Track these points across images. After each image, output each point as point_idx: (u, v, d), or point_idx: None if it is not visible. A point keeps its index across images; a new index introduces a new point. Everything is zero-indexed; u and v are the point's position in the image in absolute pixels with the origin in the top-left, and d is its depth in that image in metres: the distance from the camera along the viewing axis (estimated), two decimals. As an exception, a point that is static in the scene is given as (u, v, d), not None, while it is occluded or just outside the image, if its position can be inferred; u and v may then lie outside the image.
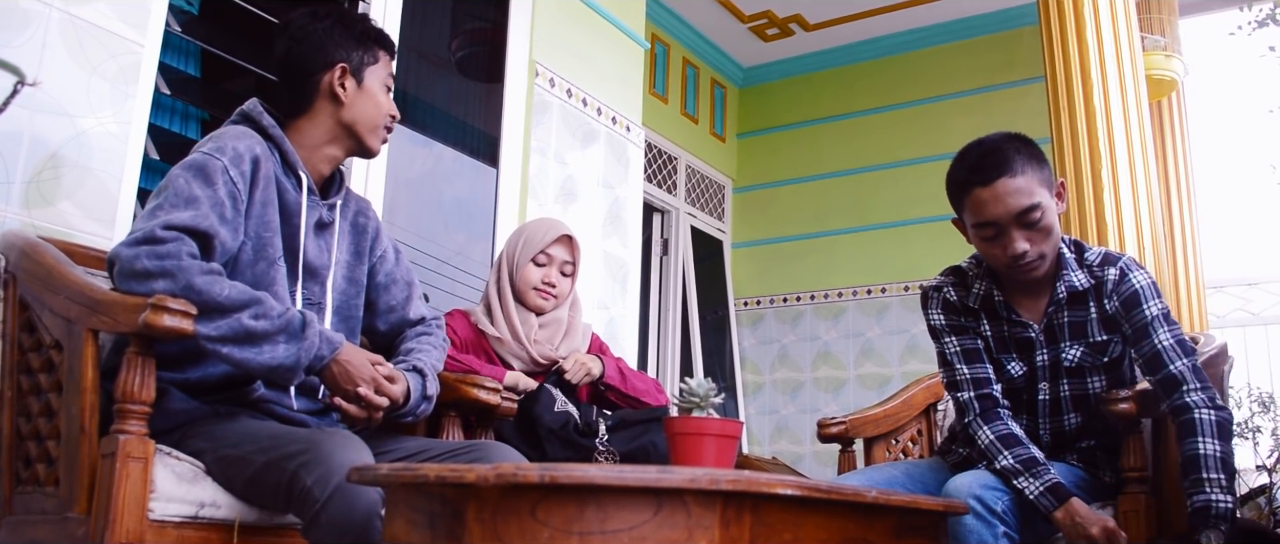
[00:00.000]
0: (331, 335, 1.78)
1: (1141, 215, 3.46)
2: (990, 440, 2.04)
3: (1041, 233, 2.04)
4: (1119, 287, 2.10)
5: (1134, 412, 2.05)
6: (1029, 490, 1.95)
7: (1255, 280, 5.73)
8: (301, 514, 1.56)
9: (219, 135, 1.84)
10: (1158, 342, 2.03)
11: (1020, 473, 1.97)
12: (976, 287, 2.19)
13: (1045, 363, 2.14)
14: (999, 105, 5.66)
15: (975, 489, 1.92)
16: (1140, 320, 2.06)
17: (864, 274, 5.88)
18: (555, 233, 2.65)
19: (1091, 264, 2.13)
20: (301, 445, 1.60)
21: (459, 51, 3.73)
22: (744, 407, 6.07)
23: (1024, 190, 2.00)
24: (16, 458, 1.78)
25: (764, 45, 6.20)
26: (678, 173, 5.99)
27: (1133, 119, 3.56)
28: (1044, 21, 3.82)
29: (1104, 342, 2.11)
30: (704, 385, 1.62)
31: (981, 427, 2.08)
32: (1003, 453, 2.01)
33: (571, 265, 2.68)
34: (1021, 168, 2.02)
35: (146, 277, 1.61)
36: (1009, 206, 2.01)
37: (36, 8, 2.22)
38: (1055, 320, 2.13)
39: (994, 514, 1.90)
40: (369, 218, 2.09)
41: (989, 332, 2.18)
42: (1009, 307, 2.16)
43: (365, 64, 1.98)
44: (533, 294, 2.61)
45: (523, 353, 2.57)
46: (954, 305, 2.21)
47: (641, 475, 1.14)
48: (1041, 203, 2.02)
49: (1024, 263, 2.05)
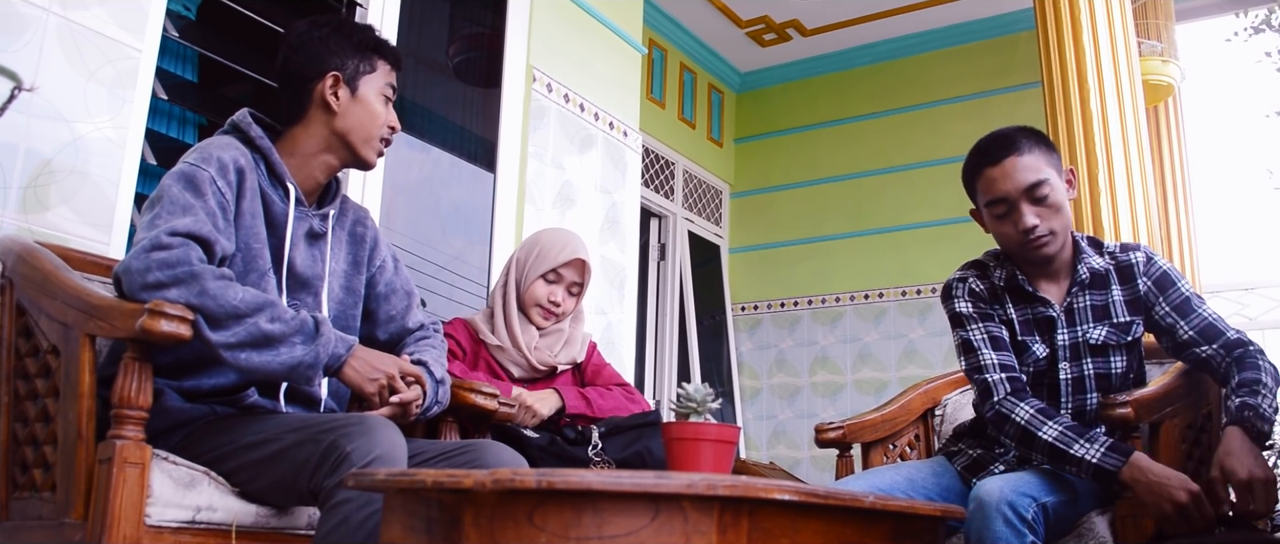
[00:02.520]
0: (344, 335, 1.80)
1: (1138, 220, 3.47)
2: (1031, 415, 2.03)
3: (1051, 209, 2.12)
4: (1148, 268, 2.20)
5: (1131, 417, 2.05)
6: (1090, 455, 1.93)
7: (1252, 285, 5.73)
8: (329, 481, 1.55)
9: (204, 146, 1.84)
10: (1207, 314, 2.15)
11: (1073, 440, 1.96)
12: (998, 273, 2.25)
13: (1066, 343, 2.18)
14: (995, 110, 5.66)
15: (1008, 495, 1.89)
16: (1178, 297, 2.17)
17: (861, 279, 5.88)
18: (569, 254, 2.62)
19: (1111, 251, 2.23)
20: (343, 419, 1.63)
21: (456, 57, 3.74)
22: (741, 412, 6.07)
23: (1031, 167, 2.10)
24: (13, 463, 1.78)
25: (761, 50, 6.21)
26: (675, 178, 5.99)
27: (1129, 124, 3.57)
28: (1041, 27, 3.82)
29: (1128, 322, 2.18)
30: (701, 390, 1.62)
31: (1016, 404, 2.07)
32: (1047, 424, 2.01)
33: (579, 286, 2.67)
34: (1029, 148, 2.12)
35: (159, 287, 1.60)
36: (1017, 182, 2.11)
37: (33, 12, 2.22)
38: (1076, 303, 2.19)
39: (1024, 523, 1.88)
40: (367, 227, 2.09)
41: (1014, 315, 2.22)
42: (1033, 285, 2.21)
43: (361, 73, 1.96)
44: (536, 311, 2.60)
45: (522, 360, 2.56)
46: (980, 293, 2.24)
47: (639, 481, 1.14)
48: (1049, 179, 2.11)
49: (1034, 238, 2.11)
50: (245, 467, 1.69)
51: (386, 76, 2.01)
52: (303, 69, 1.94)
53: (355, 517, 1.52)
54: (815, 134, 6.27)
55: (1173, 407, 2.15)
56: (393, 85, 2.02)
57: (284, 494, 1.69)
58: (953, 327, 2.26)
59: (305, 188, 1.95)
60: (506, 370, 2.56)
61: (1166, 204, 5.42)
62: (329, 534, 1.53)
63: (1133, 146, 3.54)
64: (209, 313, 1.61)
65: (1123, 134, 3.54)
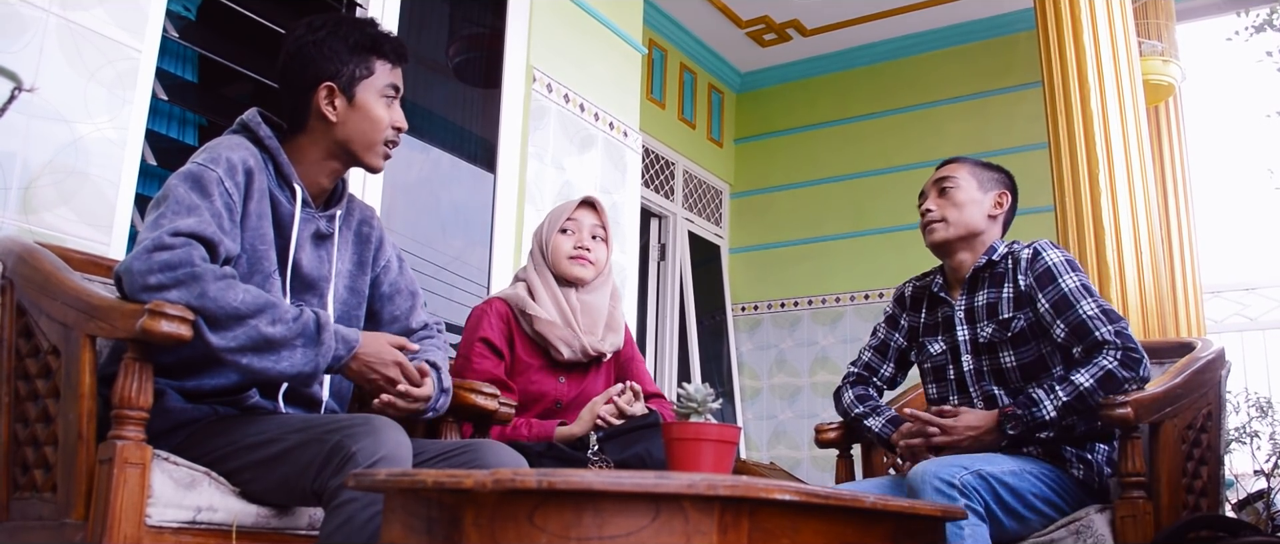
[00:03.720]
0: (346, 334, 1.77)
1: (1139, 220, 3.47)
2: (851, 399, 2.51)
3: (949, 200, 2.38)
4: (1032, 263, 2.29)
5: (1131, 417, 2.05)
6: (874, 425, 2.43)
7: (1253, 285, 5.74)
8: (334, 481, 1.55)
9: (214, 146, 1.83)
10: (1082, 311, 2.19)
11: (868, 415, 2.46)
12: (930, 279, 2.50)
13: (966, 339, 2.36)
14: (996, 111, 5.67)
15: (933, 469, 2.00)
16: (1057, 293, 2.23)
17: (861, 279, 5.88)
18: (576, 199, 2.61)
19: (1012, 250, 2.36)
20: (347, 420, 1.63)
21: (456, 57, 3.74)
22: (742, 412, 6.07)
23: (949, 169, 2.44)
24: (14, 464, 1.78)
25: (761, 50, 6.21)
26: (675, 178, 5.99)
27: (1130, 124, 3.57)
28: (1041, 27, 3.82)
29: (1009, 318, 2.29)
30: (701, 391, 1.62)
31: (847, 388, 2.54)
32: (858, 406, 2.48)
33: (602, 229, 2.59)
34: (963, 161, 2.45)
35: (160, 289, 1.59)
36: (934, 176, 2.45)
37: (34, 13, 2.22)
38: (975, 302, 2.36)
39: (953, 487, 1.97)
40: (373, 227, 2.07)
41: (924, 320, 2.48)
42: (943, 289, 2.45)
43: (357, 79, 1.90)
44: (569, 264, 2.51)
45: (573, 339, 2.46)
46: (902, 298, 2.58)
47: (639, 481, 1.14)
48: (959, 179, 2.40)
49: (926, 221, 2.41)
50: (248, 467, 1.69)
51: (387, 76, 1.94)
52: (299, 79, 1.90)
53: (359, 517, 1.52)
54: (815, 134, 6.27)
55: (1172, 407, 2.15)
56: (395, 85, 1.95)
57: (287, 494, 1.69)
58: None
59: (312, 191, 1.94)
60: (556, 351, 2.46)
61: (1167, 204, 5.41)
62: (333, 534, 1.53)
63: (1133, 146, 3.54)
64: (209, 314, 1.60)
65: (1123, 134, 3.54)
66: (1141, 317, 3.38)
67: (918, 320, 2.50)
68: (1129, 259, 3.43)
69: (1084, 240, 3.45)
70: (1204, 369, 2.28)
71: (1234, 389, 4.32)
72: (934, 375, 2.43)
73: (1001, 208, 2.40)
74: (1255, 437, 4.38)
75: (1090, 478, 2.21)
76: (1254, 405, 4.42)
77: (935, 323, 2.45)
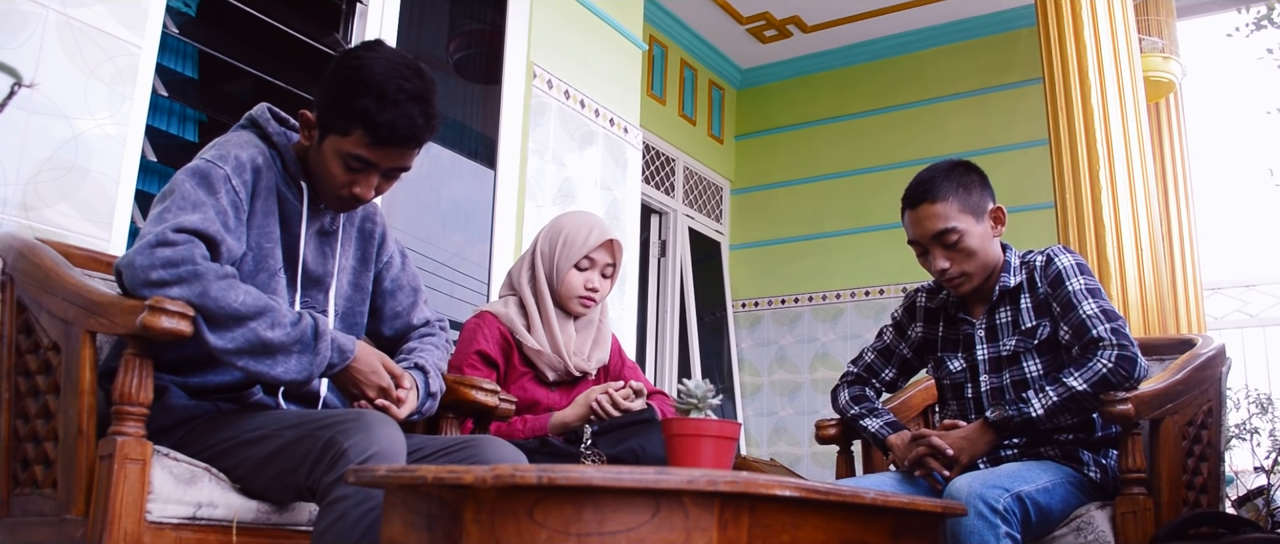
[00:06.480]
0: (343, 343, 1.77)
1: (1139, 217, 3.47)
2: (847, 399, 2.50)
3: (962, 254, 2.25)
4: (1046, 269, 2.28)
5: (1132, 413, 2.05)
6: (871, 426, 2.41)
7: (1253, 282, 5.73)
8: (327, 477, 1.55)
9: (222, 142, 1.82)
10: (1083, 312, 2.18)
11: (864, 415, 2.44)
12: (944, 293, 2.42)
13: (985, 357, 2.32)
14: (996, 107, 5.66)
15: (978, 489, 1.95)
16: (1065, 295, 2.22)
17: (862, 275, 5.88)
18: (599, 236, 2.50)
19: (1027, 260, 2.33)
20: (341, 416, 1.63)
21: (457, 53, 3.73)
22: (742, 408, 6.07)
23: (941, 215, 2.23)
24: (14, 460, 1.78)
25: (762, 47, 6.20)
26: (675, 174, 5.99)
27: (1130, 121, 3.57)
28: (1042, 23, 3.82)
29: (1033, 326, 2.27)
30: (702, 387, 1.62)
31: (844, 388, 2.53)
32: (855, 406, 2.46)
33: (613, 267, 2.55)
34: (945, 195, 2.24)
35: (161, 285, 1.59)
36: (925, 229, 2.26)
37: (33, 9, 2.22)
38: (996, 319, 2.31)
39: (996, 513, 1.92)
40: (377, 223, 2.07)
41: (941, 333, 2.42)
42: (961, 308, 2.38)
43: (331, 130, 1.80)
44: (575, 303, 2.49)
45: (560, 365, 2.46)
46: (914, 308, 2.50)
47: (639, 477, 1.14)
48: (959, 228, 2.23)
49: (947, 279, 2.29)
50: (245, 463, 1.69)
51: (358, 147, 1.78)
52: (319, 87, 1.86)
53: (352, 513, 1.52)
54: (816, 130, 6.27)
55: (1173, 403, 2.15)
56: (361, 157, 1.78)
57: (283, 490, 1.69)
58: None
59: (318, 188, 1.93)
60: (540, 372, 2.46)
61: (1167, 201, 5.42)
62: (326, 531, 1.53)
63: (1134, 143, 3.54)
64: (209, 314, 1.60)
65: (1124, 131, 3.54)
66: (1142, 313, 3.38)
67: (934, 334, 2.44)
68: (1129, 255, 3.43)
69: (1084, 237, 3.45)
70: (1204, 366, 2.28)
71: (1234, 386, 4.32)
72: (953, 392, 2.39)
73: (999, 221, 2.31)
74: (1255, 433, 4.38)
75: (1106, 482, 2.21)
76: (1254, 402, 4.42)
77: (955, 339, 2.39)
